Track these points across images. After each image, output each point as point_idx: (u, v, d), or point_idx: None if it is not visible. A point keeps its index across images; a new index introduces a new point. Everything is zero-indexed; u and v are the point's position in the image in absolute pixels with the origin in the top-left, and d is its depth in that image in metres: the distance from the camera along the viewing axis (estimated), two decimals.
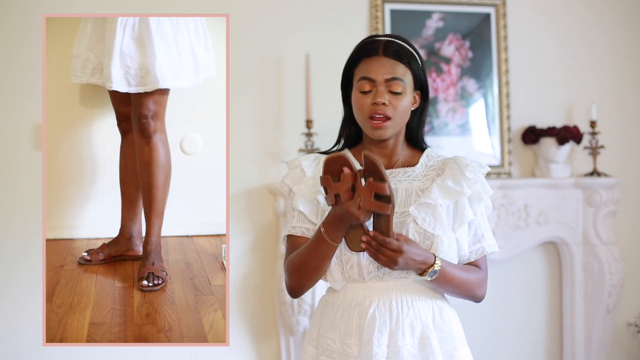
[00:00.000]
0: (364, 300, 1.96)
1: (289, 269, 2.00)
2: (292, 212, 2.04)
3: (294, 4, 3.99)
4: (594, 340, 4.21)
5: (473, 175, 1.99)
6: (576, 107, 4.34)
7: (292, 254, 2.02)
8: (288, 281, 2.02)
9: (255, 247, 3.90)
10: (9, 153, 3.68)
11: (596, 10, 4.42)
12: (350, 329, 1.96)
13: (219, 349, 3.79)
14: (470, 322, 2.04)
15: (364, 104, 1.97)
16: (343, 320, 1.98)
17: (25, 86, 3.66)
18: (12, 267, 3.65)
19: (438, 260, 1.91)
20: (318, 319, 2.05)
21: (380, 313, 1.94)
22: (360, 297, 1.97)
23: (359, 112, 1.99)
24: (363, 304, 1.96)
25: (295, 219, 2.02)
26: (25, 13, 3.67)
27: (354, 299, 1.98)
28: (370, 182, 1.81)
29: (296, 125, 3.92)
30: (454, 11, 4.18)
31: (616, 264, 4.18)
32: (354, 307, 1.97)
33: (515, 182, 4.12)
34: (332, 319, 2.00)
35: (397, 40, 2.00)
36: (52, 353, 3.62)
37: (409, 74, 1.98)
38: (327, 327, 2.00)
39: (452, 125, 4.16)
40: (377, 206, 1.82)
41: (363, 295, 1.97)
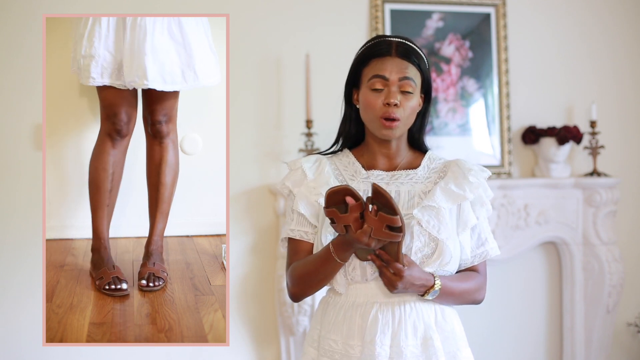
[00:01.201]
0: (366, 301, 1.96)
1: (293, 276, 2.01)
2: (291, 215, 2.04)
3: (294, 4, 3.99)
4: (594, 340, 4.21)
5: (475, 179, 2.00)
6: (576, 107, 4.34)
7: (296, 262, 2.02)
8: (291, 288, 2.03)
9: (255, 247, 3.90)
10: (9, 153, 3.68)
11: (596, 10, 4.42)
12: (352, 330, 1.96)
13: (219, 349, 3.79)
14: (471, 322, 2.04)
15: (375, 103, 1.97)
16: (345, 321, 1.97)
17: (25, 86, 3.66)
18: (12, 267, 3.65)
19: (438, 281, 1.92)
20: (319, 320, 2.05)
21: (383, 314, 1.94)
22: (362, 298, 1.97)
23: (369, 111, 1.99)
24: (365, 305, 1.96)
25: (295, 222, 2.03)
26: (25, 13, 3.67)
27: (355, 300, 1.98)
28: (382, 215, 1.80)
29: (296, 125, 3.92)
30: (454, 11, 4.18)
31: (616, 264, 4.18)
32: (356, 308, 1.97)
33: (515, 182, 4.12)
34: (334, 321, 1.99)
35: (408, 42, 2.02)
36: (52, 353, 3.62)
37: (418, 76, 2.00)
38: (328, 328, 2.00)
39: (452, 125, 4.16)
40: (389, 235, 1.82)
41: (365, 296, 1.97)
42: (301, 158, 2.08)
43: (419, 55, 2.01)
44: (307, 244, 2.02)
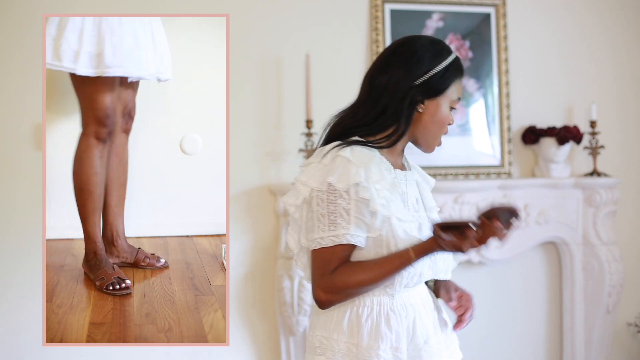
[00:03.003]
0: (407, 303, 1.92)
1: (348, 282, 1.83)
2: (344, 216, 1.82)
3: (294, 4, 3.99)
4: (594, 340, 4.21)
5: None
6: (576, 107, 4.34)
7: (349, 267, 1.84)
8: (334, 296, 1.84)
9: (255, 247, 3.90)
10: (9, 153, 3.68)
11: (596, 10, 4.42)
12: (400, 335, 1.89)
13: (219, 349, 3.79)
14: (470, 322, 2.04)
15: (448, 121, 2.01)
16: (392, 327, 1.88)
17: (25, 86, 3.66)
18: (12, 267, 3.65)
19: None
20: (346, 332, 1.88)
21: (427, 312, 1.96)
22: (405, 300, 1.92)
23: (440, 127, 2.00)
24: (409, 307, 1.92)
25: (353, 226, 1.82)
26: (25, 13, 3.67)
27: (401, 302, 1.91)
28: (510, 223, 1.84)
29: (296, 125, 3.91)
30: (454, 11, 4.18)
31: (616, 264, 4.18)
32: (399, 312, 1.91)
33: (515, 182, 4.12)
34: (376, 329, 1.88)
35: None
36: (52, 353, 3.62)
37: None
38: (370, 337, 1.87)
39: (452, 125, 4.15)
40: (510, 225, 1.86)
41: (406, 298, 1.92)
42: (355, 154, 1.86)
43: None
44: (356, 251, 1.86)
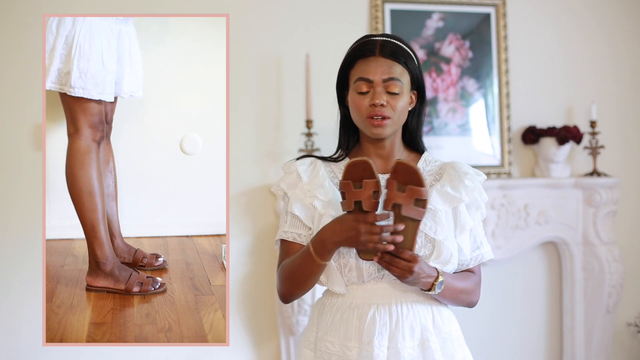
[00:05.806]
0: (363, 302, 1.96)
1: (280, 276, 2.01)
2: (285, 217, 2.02)
3: (294, 4, 3.99)
4: (594, 340, 4.21)
5: (471, 183, 2.00)
6: (576, 107, 4.34)
7: (284, 261, 2.01)
8: (279, 288, 2.02)
9: (255, 247, 3.90)
10: (9, 153, 3.68)
11: (596, 10, 4.42)
12: (350, 332, 1.95)
13: (219, 349, 3.79)
14: (471, 322, 2.05)
15: (361, 105, 1.94)
16: (342, 323, 1.97)
17: (25, 86, 3.66)
18: (12, 267, 3.65)
19: (441, 275, 1.92)
20: (315, 322, 2.05)
21: (380, 315, 1.94)
22: (359, 300, 1.96)
23: (357, 113, 1.97)
24: (362, 307, 1.96)
25: (288, 224, 2.01)
26: (25, 13, 3.67)
27: (352, 301, 1.97)
28: (412, 188, 1.79)
29: (296, 125, 3.92)
30: (454, 11, 4.18)
31: (616, 264, 4.18)
32: (353, 309, 1.96)
33: (515, 182, 4.12)
34: (331, 322, 1.99)
35: (394, 40, 1.98)
36: (52, 353, 3.62)
37: (406, 74, 1.96)
38: (325, 330, 1.99)
39: (452, 125, 4.16)
40: (417, 212, 1.81)
41: (362, 297, 1.96)
42: (295, 160, 2.05)
43: (406, 53, 1.97)
44: (300, 246, 2.00)
